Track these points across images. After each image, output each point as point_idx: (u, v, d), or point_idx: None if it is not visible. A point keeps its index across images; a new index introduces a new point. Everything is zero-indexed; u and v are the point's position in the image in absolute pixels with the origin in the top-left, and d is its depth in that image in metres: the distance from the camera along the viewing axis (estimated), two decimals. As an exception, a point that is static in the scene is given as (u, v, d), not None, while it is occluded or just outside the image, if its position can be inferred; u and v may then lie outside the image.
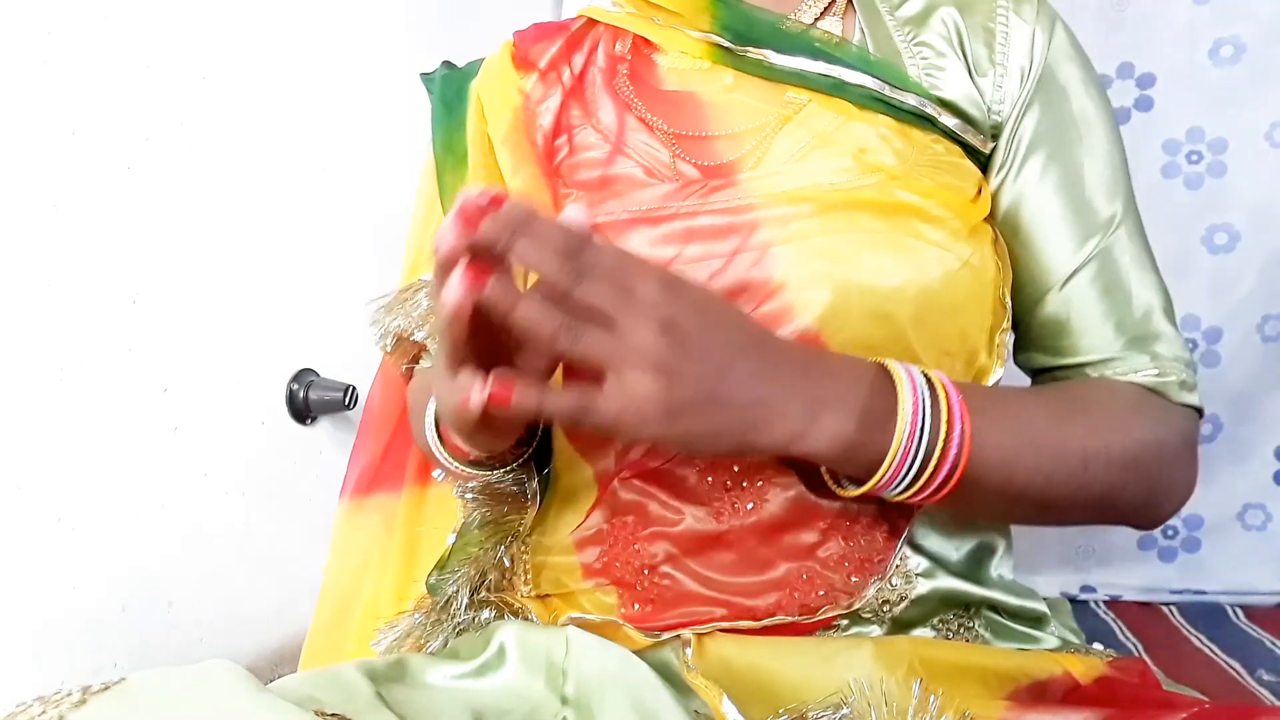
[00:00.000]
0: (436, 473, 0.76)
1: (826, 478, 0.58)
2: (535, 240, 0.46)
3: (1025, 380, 0.72)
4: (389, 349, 0.74)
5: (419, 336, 0.71)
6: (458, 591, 0.65)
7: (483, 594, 0.66)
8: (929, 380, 0.54)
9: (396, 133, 1.09)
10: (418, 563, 0.74)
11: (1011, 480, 0.57)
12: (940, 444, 0.53)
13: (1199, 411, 0.66)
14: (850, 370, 0.54)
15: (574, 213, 0.49)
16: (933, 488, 0.54)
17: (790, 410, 0.51)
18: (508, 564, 0.67)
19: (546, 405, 0.49)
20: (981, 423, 0.55)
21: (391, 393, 0.80)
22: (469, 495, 0.68)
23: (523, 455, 0.66)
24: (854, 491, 0.56)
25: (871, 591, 0.60)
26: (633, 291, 0.48)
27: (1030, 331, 0.68)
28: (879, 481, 0.54)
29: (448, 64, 0.78)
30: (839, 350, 0.58)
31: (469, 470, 0.66)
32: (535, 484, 0.65)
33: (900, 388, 0.53)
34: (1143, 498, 0.63)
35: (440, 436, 0.64)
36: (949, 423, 0.53)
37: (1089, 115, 0.67)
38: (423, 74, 0.77)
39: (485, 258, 0.46)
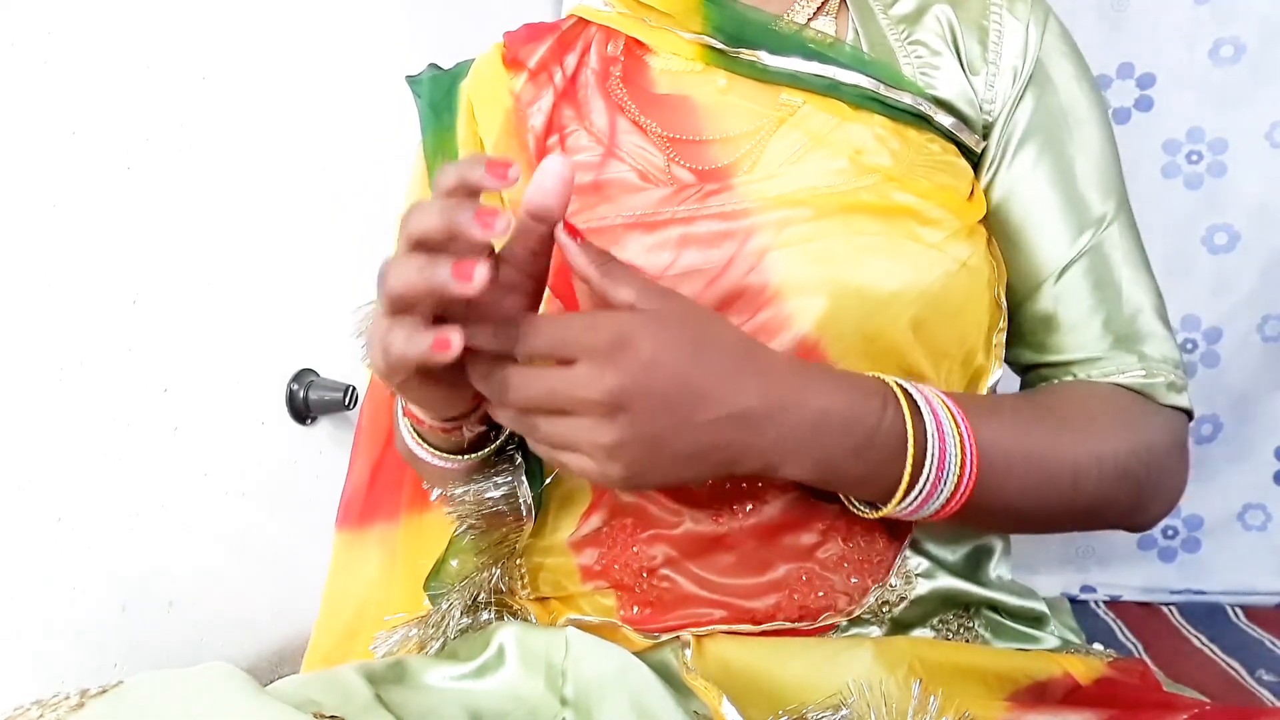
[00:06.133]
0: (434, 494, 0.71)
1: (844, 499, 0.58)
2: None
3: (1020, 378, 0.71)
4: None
5: None
6: (451, 608, 0.64)
7: (480, 597, 0.65)
8: (943, 405, 0.54)
9: (397, 133, 1.08)
10: (422, 595, 0.69)
11: (1001, 495, 0.57)
12: (956, 473, 0.53)
13: (1189, 413, 0.65)
14: (847, 399, 0.53)
15: (554, 164, 0.47)
16: (931, 510, 0.55)
17: (759, 450, 0.51)
18: (501, 585, 0.66)
19: None
20: (984, 443, 0.55)
21: (380, 413, 0.75)
22: (459, 517, 0.64)
23: (492, 443, 0.62)
24: (869, 514, 0.57)
25: (872, 599, 0.60)
26: (573, 376, 0.47)
27: (1020, 327, 0.67)
28: (892, 510, 0.54)
29: (434, 66, 0.77)
30: (839, 353, 0.58)
31: (437, 454, 0.61)
32: (529, 498, 0.63)
33: (926, 421, 0.53)
34: (1132, 504, 0.63)
35: (413, 427, 0.62)
36: (962, 450, 0.53)
37: (1081, 111, 0.66)
38: (408, 77, 0.75)
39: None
